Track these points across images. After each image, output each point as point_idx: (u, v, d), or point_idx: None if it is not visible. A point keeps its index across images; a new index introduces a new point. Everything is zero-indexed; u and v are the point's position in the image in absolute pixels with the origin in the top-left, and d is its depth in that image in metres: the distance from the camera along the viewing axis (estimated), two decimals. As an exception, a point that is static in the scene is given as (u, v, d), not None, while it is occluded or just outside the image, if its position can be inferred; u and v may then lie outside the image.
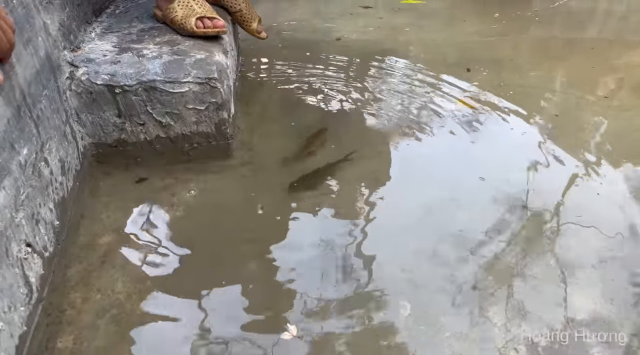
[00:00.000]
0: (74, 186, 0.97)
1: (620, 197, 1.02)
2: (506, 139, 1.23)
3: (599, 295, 0.81)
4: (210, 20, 1.18)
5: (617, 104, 1.38)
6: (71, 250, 0.88)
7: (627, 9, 2.29)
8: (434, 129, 1.25)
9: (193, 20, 1.16)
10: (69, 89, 1.01)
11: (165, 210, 0.98)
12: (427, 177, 1.08)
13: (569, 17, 2.16)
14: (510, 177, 1.07)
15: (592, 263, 0.86)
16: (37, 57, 0.86)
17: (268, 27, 1.83)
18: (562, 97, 1.43)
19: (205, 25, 1.17)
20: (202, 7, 1.19)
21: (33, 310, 0.72)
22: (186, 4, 1.18)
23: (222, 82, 1.08)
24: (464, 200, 1.01)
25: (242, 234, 0.93)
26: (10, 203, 0.69)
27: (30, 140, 0.79)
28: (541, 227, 0.94)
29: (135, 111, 1.07)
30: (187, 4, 1.18)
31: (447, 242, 0.91)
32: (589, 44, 1.84)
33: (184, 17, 1.17)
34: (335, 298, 0.80)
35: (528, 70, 1.59)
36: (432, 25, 2.01)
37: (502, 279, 0.83)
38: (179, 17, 1.17)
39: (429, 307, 0.78)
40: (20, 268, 0.69)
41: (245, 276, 0.84)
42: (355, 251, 0.88)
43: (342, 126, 1.26)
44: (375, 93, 1.43)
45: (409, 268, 0.85)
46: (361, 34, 1.90)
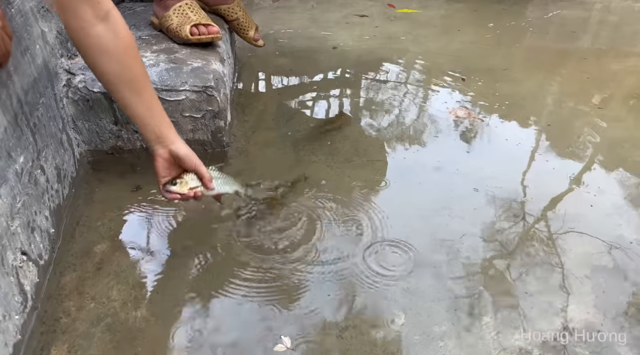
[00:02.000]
0: (69, 193, 0.97)
1: (613, 207, 1.03)
2: (501, 149, 1.24)
3: (592, 305, 0.81)
4: (205, 27, 1.19)
5: (610, 114, 1.40)
6: (66, 258, 0.88)
7: (619, 20, 2.32)
8: (429, 139, 1.26)
9: (187, 28, 1.17)
10: (66, 97, 1.02)
11: (161, 217, 0.98)
12: (422, 187, 1.09)
13: (563, 27, 2.18)
14: (504, 187, 1.08)
15: (585, 273, 0.87)
16: (34, 65, 0.87)
17: (265, 35, 1.84)
18: (555, 107, 1.44)
19: (200, 32, 1.18)
20: (197, 15, 1.20)
21: (28, 318, 0.72)
22: (182, 12, 1.19)
23: (218, 91, 1.09)
24: (457, 210, 1.01)
25: (238, 242, 0.93)
26: (7, 211, 0.69)
27: (27, 148, 0.79)
28: (535, 238, 0.95)
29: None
30: (183, 11, 1.19)
31: (441, 252, 0.91)
32: (582, 54, 1.87)
33: (179, 25, 1.17)
34: (329, 308, 0.80)
35: (522, 80, 1.61)
36: (427, 35, 2.03)
37: (496, 288, 0.84)
38: (175, 25, 1.18)
39: (424, 316, 0.79)
40: (15, 276, 0.69)
41: (241, 285, 0.84)
42: (349, 261, 0.89)
43: (337, 134, 1.27)
44: (370, 102, 1.44)
45: (402, 277, 0.85)
46: (357, 42, 1.91)
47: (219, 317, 0.78)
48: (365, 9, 2.33)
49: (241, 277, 0.85)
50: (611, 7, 2.51)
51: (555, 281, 0.86)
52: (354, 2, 2.45)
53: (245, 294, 0.82)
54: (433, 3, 2.50)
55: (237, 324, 0.77)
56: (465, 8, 2.42)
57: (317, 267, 0.87)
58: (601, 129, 1.33)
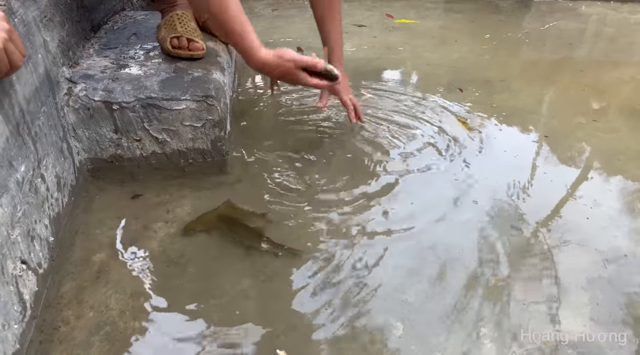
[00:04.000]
0: (69, 202, 0.98)
1: (609, 219, 1.04)
2: (499, 160, 1.24)
3: (589, 317, 0.82)
4: (189, 42, 1.17)
5: (606, 126, 1.42)
6: (65, 266, 0.88)
7: (615, 31, 2.34)
8: (426, 150, 1.27)
9: (169, 40, 1.16)
10: (67, 105, 1.02)
11: (160, 226, 0.98)
12: (420, 199, 1.10)
13: (559, 38, 2.20)
14: (502, 198, 1.09)
15: (582, 284, 0.88)
16: (36, 74, 0.87)
17: (264, 44, 1.84)
18: (552, 118, 1.46)
19: (180, 44, 1.16)
20: (184, 27, 1.18)
21: (26, 327, 0.72)
22: (170, 24, 1.19)
23: (219, 100, 1.10)
24: (455, 221, 1.02)
25: (236, 251, 0.93)
26: (7, 221, 0.69)
27: (28, 157, 0.80)
28: (532, 249, 0.96)
29: (132, 127, 1.08)
30: (172, 23, 1.18)
31: (439, 263, 0.92)
32: (579, 66, 1.89)
33: (164, 37, 1.17)
34: (326, 319, 0.80)
35: (519, 91, 1.62)
36: (425, 45, 2.04)
37: (493, 299, 0.84)
38: (161, 37, 1.18)
39: (421, 327, 0.79)
40: (14, 285, 0.69)
41: (239, 295, 0.84)
42: (347, 273, 0.89)
43: (334, 144, 1.28)
44: (367, 111, 1.45)
45: (401, 288, 0.86)
46: (355, 52, 1.93)
47: (217, 326, 0.78)
48: (364, 19, 2.35)
49: (240, 286, 0.85)
50: (607, 19, 2.54)
51: (551, 292, 0.86)
52: (353, 12, 2.47)
53: (243, 303, 0.82)
54: (431, 14, 2.52)
55: (234, 334, 0.77)
56: (463, 19, 2.45)
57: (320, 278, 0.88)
58: (597, 140, 1.34)
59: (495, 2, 2.77)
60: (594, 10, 2.69)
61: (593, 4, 2.80)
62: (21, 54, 0.70)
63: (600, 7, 2.74)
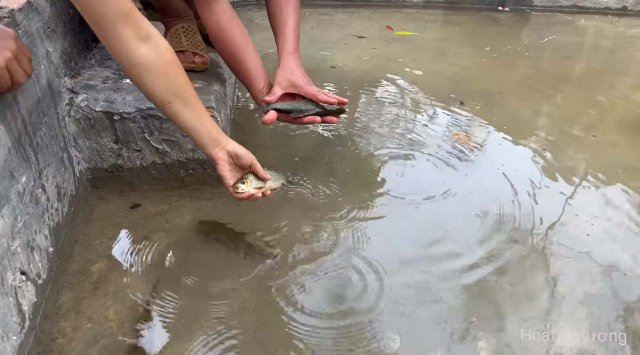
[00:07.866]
0: (68, 212, 0.98)
1: (606, 233, 1.05)
2: (497, 174, 1.25)
3: (585, 330, 0.82)
4: (193, 55, 1.18)
5: (604, 140, 1.42)
6: (64, 277, 0.88)
7: (612, 44, 2.36)
8: (427, 162, 1.28)
9: None
10: (68, 115, 1.03)
11: (159, 236, 0.98)
12: (420, 210, 1.10)
13: (557, 52, 2.22)
14: (501, 212, 1.09)
15: (580, 298, 0.88)
16: (39, 85, 0.88)
17: (264, 55, 1.86)
18: (550, 132, 1.46)
19: (186, 59, 1.17)
20: (190, 41, 1.19)
21: (25, 339, 0.72)
22: (176, 37, 1.20)
23: (219, 111, 1.10)
24: (456, 234, 1.03)
25: (235, 260, 0.93)
26: (8, 232, 0.69)
27: (30, 168, 0.80)
28: (531, 263, 0.96)
29: (133, 138, 1.08)
30: (178, 37, 1.20)
31: (438, 275, 0.92)
32: (577, 79, 1.90)
33: None
34: (325, 329, 0.80)
35: (518, 104, 1.64)
36: (424, 57, 2.06)
37: (492, 312, 0.85)
38: None
39: (419, 340, 0.79)
40: (14, 297, 0.69)
41: (238, 304, 0.84)
42: (347, 283, 0.89)
43: (335, 155, 1.28)
44: (367, 123, 1.45)
45: (401, 301, 0.86)
46: (355, 63, 1.94)
47: (215, 335, 0.78)
48: (364, 31, 2.37)
49: (239, 296, 0.85)
50: (604, 33, 2.57)
51: (549, 306, 0.86)
52: (353, 23, 2.49)
53: (242, 312, 0.82)
54: (430, 26, 2.54)
55: (233, 343, 0.77)
56: (462, 31, 2.47)
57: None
58: (595, 154, 1.35)
59: (494, 15, 2.79)
60: (592, 23, 2.72)
61: (591, 18, 2.83)
62: (25, 72, 0.71)
63: (598, 21, 2.77)
